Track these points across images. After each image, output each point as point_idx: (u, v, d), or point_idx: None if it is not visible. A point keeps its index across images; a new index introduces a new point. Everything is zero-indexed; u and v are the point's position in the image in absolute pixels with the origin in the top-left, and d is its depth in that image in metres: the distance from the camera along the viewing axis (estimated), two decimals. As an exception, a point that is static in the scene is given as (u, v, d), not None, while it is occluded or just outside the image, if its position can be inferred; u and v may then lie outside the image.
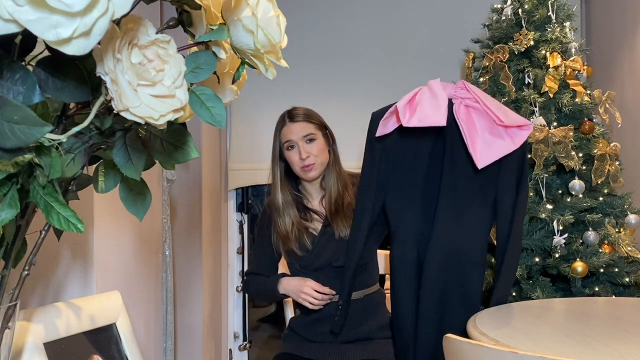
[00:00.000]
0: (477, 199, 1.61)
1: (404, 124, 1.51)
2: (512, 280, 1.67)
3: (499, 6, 2.57)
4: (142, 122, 0.56)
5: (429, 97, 1.54)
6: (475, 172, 1.58)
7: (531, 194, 2.27)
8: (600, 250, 2.17)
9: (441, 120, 1.48)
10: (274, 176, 1.88)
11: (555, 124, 2.28)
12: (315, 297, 1.77)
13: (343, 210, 1.84)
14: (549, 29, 2.43)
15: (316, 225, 1.87)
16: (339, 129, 2.00)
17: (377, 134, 1.64)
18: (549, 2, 2.43)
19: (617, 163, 2.33)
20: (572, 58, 2.38)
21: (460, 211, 1.61)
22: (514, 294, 2.25)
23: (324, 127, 1.90)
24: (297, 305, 1.90)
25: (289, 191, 1.88)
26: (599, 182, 2.26)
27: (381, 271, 2.06)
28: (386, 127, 1.62)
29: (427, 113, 1.49)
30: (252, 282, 1.95)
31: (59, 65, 0.55)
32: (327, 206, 1.86)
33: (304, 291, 1.77)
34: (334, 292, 1.79)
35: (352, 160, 2.59)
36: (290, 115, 1.88)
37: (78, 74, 0.57)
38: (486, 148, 1.52)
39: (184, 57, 0.59)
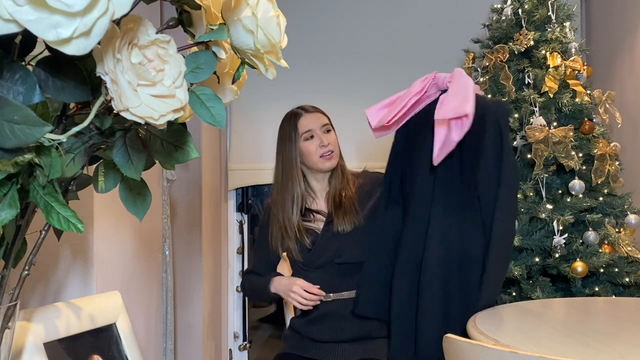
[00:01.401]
0: (468, 195, 1.59)
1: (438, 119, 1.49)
2: (498, 280, 1.61)
3: (499, 6, 2.57)
4: (142, 122, 0.56)
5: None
6: (460, 168, 1.57)
7: (531, 194, 2.27)
8: (600, 250, 2.17)
9: (465, 108, 1.44)
10: (293, 168, 1.86)
11: (555, 124, 2.28)
12: (304, 297, 1.76)
13: (345, 204, 1.85)
14: (549, 29, 2.43)
15: (318, 225, 1.87)
16: (339, 129, 2.01)
17: (396, 128, 1.66)
18: (549, 2, 2.43)
19: (617, 163, 2.32)
20: (572, 58, 2.38)
21: (454, 209, 1.60)
22: (513, 294, 2.25)
23: (331, 123, 1.95)
24: None
25: (300, 186, 1.87)
26: (599, 182, 2.26)
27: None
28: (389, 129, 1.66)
29: (452, 106, 1.47)
30: (248, 280, 1.96)
31: (59, 65, 0.55)
32: (331, 199, 1.87)
33: (293, 290, 1.77)
34: (323, 293, 1.79)
35: (352, 160, 2.59)
36: (303, 108, 1.91)
37: (78, 74, 0.57)
38: (439, 144, 1.51)
39: (184, 57, 0.59)
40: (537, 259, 2.21)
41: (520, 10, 2.45)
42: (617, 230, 2.25)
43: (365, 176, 1.95)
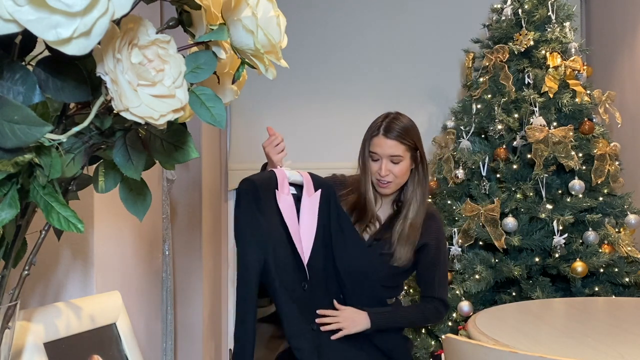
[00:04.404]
0: None
1: None
2: None
3: (499, 6, 2.57)
4: (142, 122, 0.56)
5: None
6: None
7: (531, 194, 2.27)
8: (600, 250, 2.17)
9: None
10: (364, 171, 1.80)
11: (555, 124, 2.28)
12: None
13: (411, 240, 1.75)
14: (549, 29, 2.43)
15: (371, 230, 1.81)
16: (338, 129, 2.00)
17: None
18: (549, 2, 2.43)
19: (617, 163, 2.33)
20: (572, 58, 2.38)
21: None
22: (513, 294, 2.25)
23: (414, 149, 1.78)
24: None
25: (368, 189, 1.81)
26: (599, 182, 2.26)
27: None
28: None
29: None
30: None
31: (59, 65, 0.55)
32: (400, 229, 1.76)
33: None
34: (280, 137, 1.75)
35: (351, 160, 2.59)
36: (386, 128, 1.75)
37: (78, 74, 0.57)
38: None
39: (184, 57, 0.59)
40: (537, 259, 2.21)
41: (520, 10, 2.45)
42: (617, 230, 2.26)
43: (428, 221, 1.79)
